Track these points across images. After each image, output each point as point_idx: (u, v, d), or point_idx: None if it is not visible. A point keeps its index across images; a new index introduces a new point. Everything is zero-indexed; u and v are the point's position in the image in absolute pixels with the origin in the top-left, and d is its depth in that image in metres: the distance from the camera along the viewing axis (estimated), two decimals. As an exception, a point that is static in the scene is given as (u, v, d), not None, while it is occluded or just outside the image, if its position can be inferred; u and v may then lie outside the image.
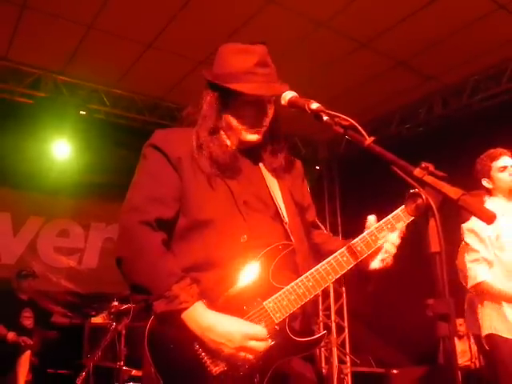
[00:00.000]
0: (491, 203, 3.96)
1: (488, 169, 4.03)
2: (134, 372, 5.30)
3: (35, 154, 7.22)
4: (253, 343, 1.75)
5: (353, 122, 1.65)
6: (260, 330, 1.79)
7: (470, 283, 3.81)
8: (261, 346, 1.77)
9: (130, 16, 5.58)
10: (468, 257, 3.90)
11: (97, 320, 6.98)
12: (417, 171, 1.41)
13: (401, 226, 1.97)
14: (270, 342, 1.80)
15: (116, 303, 5.40)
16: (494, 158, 4.02)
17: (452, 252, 4.10)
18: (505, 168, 3.95)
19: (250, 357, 1.76)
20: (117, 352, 5.17)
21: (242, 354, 1.75)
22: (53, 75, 6.76)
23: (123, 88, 7.18)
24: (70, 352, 6.83)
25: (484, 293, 3.77)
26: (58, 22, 5.64)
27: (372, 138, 1.58)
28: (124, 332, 5.19)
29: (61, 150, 7.19)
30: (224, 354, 1.75)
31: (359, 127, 1.62)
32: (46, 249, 8.23)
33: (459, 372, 1.31)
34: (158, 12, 5.52)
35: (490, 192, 4.05)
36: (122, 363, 5.14)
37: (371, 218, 1.96)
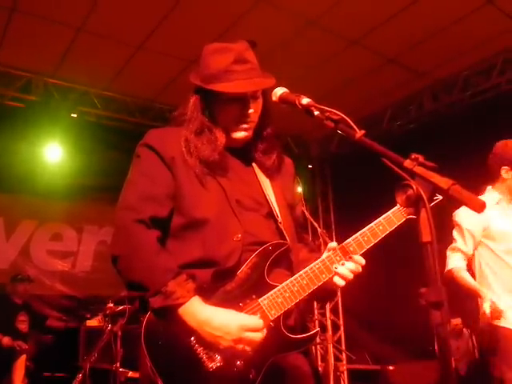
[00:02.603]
0: (490, 195, 3.83)
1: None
2: (130, 373, 5.28)
3: (27, 157, 7.21)
4: (250, 334, 1.77)
5: (343, 115, 1.67)
6: (256, 320, 1.82)
7: (445, 270, 3.84)
8: (257, 336, 1.79)
9: (120, 18, 5.58)
10: (450, 245, 3.91)
11: (92, 323, 6.97)
12: (407, 162, 1.42)
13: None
14: (265, 333, 1.82)
15: (111, 305, 5.39)
16: None
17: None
18: None
19: (248, 348, 1.77)
20: (113, 354, 5.17)
21: (240, 345, 1.76)
22: (43, 78, 6.76)
23: (114, 90, 7.18)
24: (65, 355, 6.82)
25: (450, 281, 3.77)
26: (47, 24, 5.64)
27: (363, 132, 1.60)
28: (120, 333, 5.19)
29: (53, 153, 7.19)
30: (222, 346, 1.76)
31: (350, 121, 1.64)
32: (39, 253, 8.22)
33: (453, 360, 1.33)
34: (148, 13, 5.53)
35: (499, 181, 3.85)
36: (119, 365, 5.13)
37: (332, 244, 1.98)
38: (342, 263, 1.94)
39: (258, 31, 5.64)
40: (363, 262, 1.99)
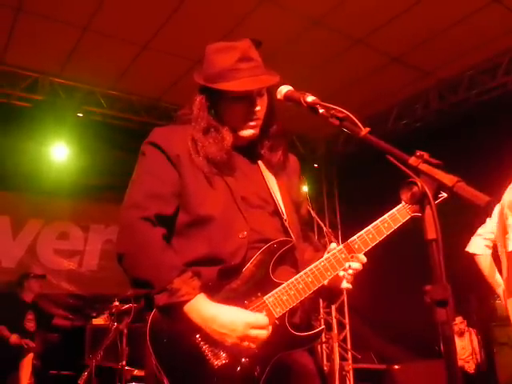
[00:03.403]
0: None
1: None
2: (136, 372, 5.29)
3: (33, 156, 7.24)
4: (255, 331, 1.77)
5: (348, 113, 1.67)
6: (261, 317, 1.82)
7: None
8: (263, 333, 1.79)
9: (126, 17, 5.59)
10: None
11: (98, 321, 7.01)
12: (412, 160, 1.42)
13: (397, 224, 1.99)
14: (271, 330, 1.82)
15: (117, 303, 5.41)
16: None
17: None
18: None
19: (253, 346, 1.78)
20: (119, 352, 5.18)
21: (246, 343, 1.77)
22: (49, 78, 6.76)
23: (120, 89, 7.19)
24: (72, 354, 6.84)
25: None
26: (53, 24, 5.65)
27: (367, 129, 1.59)
28: (125, 332, 5.20)
29: (59, 153, 7.20)
30: (227, 343, 1.77)
31: (354, 119, 1.64)
32: (46, 251, 8.25)
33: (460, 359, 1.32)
34: (153, 13, 5.53)
35: None
36: (124, 363, 5.14)
37: (333, 245, 1.99)
38: (349, 266, 1.95)
39: (263, 31, 5.64)
40: (365, 259, 1.99)
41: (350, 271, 1.96)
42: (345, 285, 2.00)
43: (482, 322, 6.86)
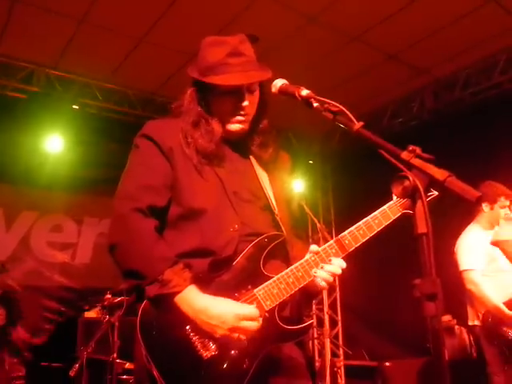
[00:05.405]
0: (475, 231, 4.54)
1: (494, 198, 4.54)
2: (127, 365, 5.30)
3: (28, 148, 7.19)
4: (245, 323, 1.79)
5: (342, 107, 1.67)
6: (252, 309, 1.83)
7: None
8: (253, 325, 1.80)
9: (122, 10, 5.56)
10: None
11: (90, 314, 6.98)
12: (404, 154, 1.43)
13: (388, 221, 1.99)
14: (261, 322, 1.83)
15: (109, 296, 5.41)
16: (508, 196, 4.51)
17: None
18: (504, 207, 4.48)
19: (243, 337, 1.79)
20: (110, 345, 5.17)
21: (235, 334, 1.78)
22: (45, 70, 6.72)
23: (116, 82, 7.16)
24: (63, 346, 6.82)
25: None
26: (49, 16, 5.61)
27: (361, 123, 1.60)
28: (117, 324, 5.19)
29: (54, 145, 7.15)
30: (217, 335, 1.78)
31: (348, 113, 1.64)
32: (39, 244, 8.21)
33: (446, 351, 1.33)
34: (150, 6, 5.51)
35: (476, 215, 4.63)
36: (116, 356, 5.14)
37: (313, 247, 1.98)
38: (322, 267, 1.94)
39: (258, 27, 5.61)
40: (344, 265, 1.97)
41: (323, 273, 1.93)
42: (320, 283, 1.95)
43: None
